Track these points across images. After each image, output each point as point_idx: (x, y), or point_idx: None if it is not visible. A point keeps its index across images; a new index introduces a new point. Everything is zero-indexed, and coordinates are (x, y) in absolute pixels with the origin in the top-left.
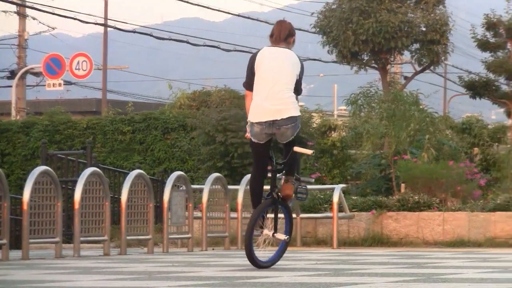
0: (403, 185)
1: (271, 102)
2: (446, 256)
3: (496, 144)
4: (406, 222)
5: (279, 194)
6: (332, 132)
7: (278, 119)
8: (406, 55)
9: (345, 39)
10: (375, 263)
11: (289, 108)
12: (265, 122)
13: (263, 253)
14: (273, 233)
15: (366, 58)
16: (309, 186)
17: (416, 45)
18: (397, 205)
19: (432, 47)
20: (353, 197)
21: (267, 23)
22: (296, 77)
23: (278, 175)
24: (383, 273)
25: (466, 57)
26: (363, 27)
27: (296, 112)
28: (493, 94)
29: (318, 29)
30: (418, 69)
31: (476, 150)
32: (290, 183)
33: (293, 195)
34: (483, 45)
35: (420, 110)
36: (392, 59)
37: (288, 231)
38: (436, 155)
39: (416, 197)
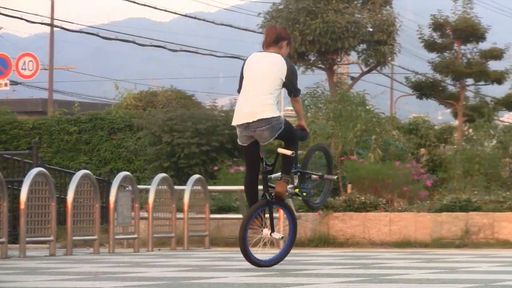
0: (349, 186)
1: (247, 105)
2: (392, 257)
3: (443, 144)
4: (352, 223)
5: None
6: None
7: (250, 121)
8: (353, 56)
9: (292, 40)
10: (321, 263)
11: (261, 110)
12: (241, 124)
13: (262, 253)
14: (270, 233)
15: (313, 58)
16: None
17: (363, 46)
18: (343, 206)
19: (379, 47)
20: (300, 198)
21: (214, 23)
22: (281, 80)
23: (272, 175)
24: (330, 273)
25: (413, 58)
26: (310, 27)
27: (271, 114)
28: (440, 94)
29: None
30: (365, 69)
31: (422, 150)
32: (283, 181)
33: (285, 193)
34: (430, 45)
35: (367, 110)
36: (339, 59)
37: (292, 229)
38: (382, 155)
39: (363, 198)
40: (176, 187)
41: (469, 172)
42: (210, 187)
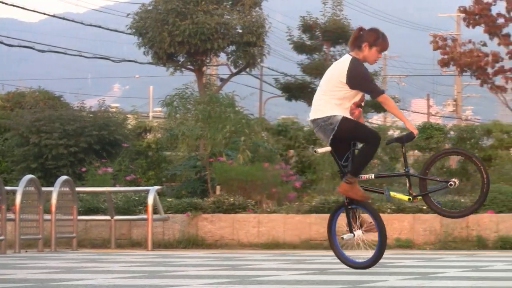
0: (218, 187)
1: None
2: (261, 258)
3: (312, 146)
4: (221, 224)
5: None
6: (148, 134)
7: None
8: (222, 57)
9: (161, 41)
10: (190, 265)
11: (312, 112)
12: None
13: (358, 254)
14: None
15: (182, 59)
16: (122, 188)
17: (232, 47)
18: (212, 207)
19: (248, 49)
20: (168, 199)
21: (82, 23)
22: (339, 82)
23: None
24: (198, 275)
25: (282, 59)
26: (179, 28)
27: (317, 115)
28: (309, 96)
29: (134, 30)
30: (234, 71)
31: (291, 152)
32: (343, 182)
33: (346, 192)
34: (299, 47)
35: (236, 112)
36: (208, 60)
37: (378, 226)
38: (251, 157)
39: (232, 199)
40: (43, 188)
41: (337, 173)
42: (78, 189)
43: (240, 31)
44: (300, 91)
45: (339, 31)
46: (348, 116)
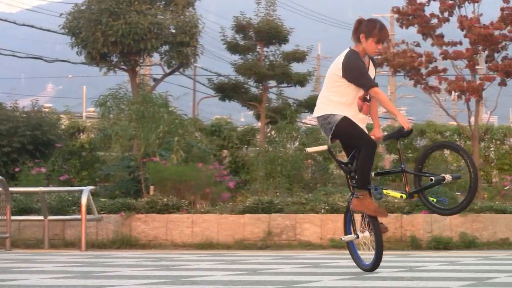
0: (152, 187)
1: None
2: (195, 258)
3: (245, 146)
4: (155, 224)
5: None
6: (81, 134)
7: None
8: (156, 57)
9: (94, 41)
10: (123, 265)
11: (315, 109)
12: None
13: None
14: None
15: (115, 59)
16: (56, 188)
17: (166, 47)
18: (146, 207)
19: (181, 49)
20: (102, 199)
21: (15, 23)
22: (337, 76)
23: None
24: (132, 275)
25: (215, 60)
26: (112, 28)
27: (318, 113)
28: (243, 96)
29: (67, 30)
30: (168, 71)
31: (225, 152)
32: (354, 197)
33: (357, 207)
34: (233, 47)
35: (170, 112)
36: (141, 60)
37: (374, 233)
38: (185, 157)
39: (165, 199)
40: None
41: (271, 173)
42: (11, 189)
43: (174, 31)
44: (234, 91)
45: (272, 31)
46: (352, 114)
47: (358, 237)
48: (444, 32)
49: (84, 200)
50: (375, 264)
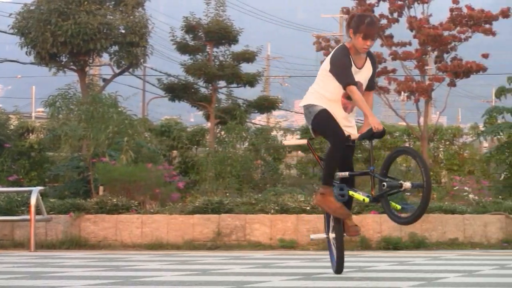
0: (101, 188)
1: None
2: (144, 259)
3: (195, 147)
4: (104, 225)
5: None
6: (30, 134)
7: None
8: (105, 57)
9: (44, 41)
10: (73, 266)
11: (304, 97)
12: None
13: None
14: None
15: (64, 59)
16: (5, 189)
17: (115, 47)
18: (95, 208)
19: (131, 49)
20: (51, 200)
21: None
22: (325, 70)
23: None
24: (81, 276)
25: (165, 60)
26: (61, 28)
27: (303, 102)
28: (192, 97)
29: (16, 30)
30: (117, 71)
31: (175, 152)
32: (318, 192)
33: (318, 202)
34: (183, 48)
35: (119, 112)
36: (91, 61)
37: (336, 244)
38: (134, 157)
39: (115, 200)
40: None
41: (221, 174)
42: None
43: (123, 31)
44: (184, 92)
45: (222, 32)
46: (334, 110)
47: (328, 237)
48: (394, 33)
49: (33, 201)
50: (338, 267)
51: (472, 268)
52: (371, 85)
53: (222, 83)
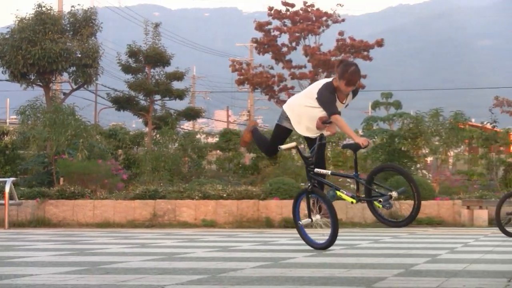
0: (61, 179)
1: None
2: (96, 235)
3: (136, 147)
4: (64, 208)
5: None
6: (5, 136)
7: None
8: (65, 76)
9: (16, 63)
10: (39, 240)
11: (287, 103)
12: None
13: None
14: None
15: (33, 77)
16: None
17: (73, 68)
18: (57, 195)
19: (86, 70)
20: (22, 188)
21: None
22: (313, 95)
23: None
24: (46, 248)
25: (113, 78)
26: (30, 53)
27: (285, 106)
28: (134, 107)
29: None
30: (75, 87)
31: (120, 151)
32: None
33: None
34: (126, 68)
35: (76, 119)
36: (54, 78)
37: (330, 213)
38: (88, 155)
39: (72, 188)
40: None
41: (156, 168)
42: None
43: (79, 55)
44: (127, 103)
45: (157, 56)
46: (301, 123)
47: (312, 220)
48: (292, 58)
49: (7, 189)
50: (331, 241)
51: (353, 242)
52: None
53: (157, 97)
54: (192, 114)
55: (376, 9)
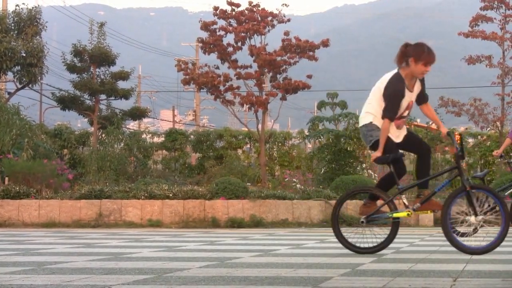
0: (7, 179)
1: None
2: (41, 235)
3: (82, 146)
4: (9, 208)
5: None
6: None
7: None
8: (10, 75)
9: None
10: None
11: (362, 116)
12: None
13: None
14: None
15: None
16: None
17: (18, 67)
18: (1, 194)
19: (30, 69)
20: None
21: None
22: (378, 93)
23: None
24: None
25: (58, 77)
26: None
27: (361, 122)
28: (79, 107)
29: None
30: (19, 86)
31: (65, 151)
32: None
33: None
34: (72, 68)
35: (21, 119)
36: None
37: (503, 214)
38: (33, 154)
39: (17, 188)
40: None
41: (102, 168)
42: None
43: (24, 55)
44: (72, 103)
45: (102, 56)
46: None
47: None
48: (238, 58)
49: None
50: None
51: (299, 242)
52: (424, 98)
53: (103, 96)
54: (137, 113)
55: (322, 9)
